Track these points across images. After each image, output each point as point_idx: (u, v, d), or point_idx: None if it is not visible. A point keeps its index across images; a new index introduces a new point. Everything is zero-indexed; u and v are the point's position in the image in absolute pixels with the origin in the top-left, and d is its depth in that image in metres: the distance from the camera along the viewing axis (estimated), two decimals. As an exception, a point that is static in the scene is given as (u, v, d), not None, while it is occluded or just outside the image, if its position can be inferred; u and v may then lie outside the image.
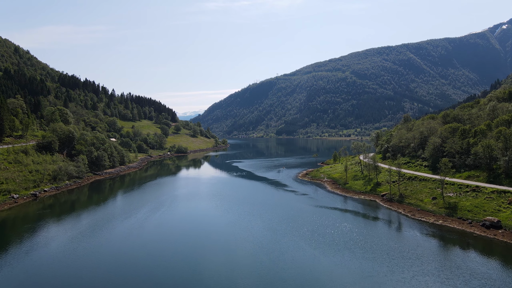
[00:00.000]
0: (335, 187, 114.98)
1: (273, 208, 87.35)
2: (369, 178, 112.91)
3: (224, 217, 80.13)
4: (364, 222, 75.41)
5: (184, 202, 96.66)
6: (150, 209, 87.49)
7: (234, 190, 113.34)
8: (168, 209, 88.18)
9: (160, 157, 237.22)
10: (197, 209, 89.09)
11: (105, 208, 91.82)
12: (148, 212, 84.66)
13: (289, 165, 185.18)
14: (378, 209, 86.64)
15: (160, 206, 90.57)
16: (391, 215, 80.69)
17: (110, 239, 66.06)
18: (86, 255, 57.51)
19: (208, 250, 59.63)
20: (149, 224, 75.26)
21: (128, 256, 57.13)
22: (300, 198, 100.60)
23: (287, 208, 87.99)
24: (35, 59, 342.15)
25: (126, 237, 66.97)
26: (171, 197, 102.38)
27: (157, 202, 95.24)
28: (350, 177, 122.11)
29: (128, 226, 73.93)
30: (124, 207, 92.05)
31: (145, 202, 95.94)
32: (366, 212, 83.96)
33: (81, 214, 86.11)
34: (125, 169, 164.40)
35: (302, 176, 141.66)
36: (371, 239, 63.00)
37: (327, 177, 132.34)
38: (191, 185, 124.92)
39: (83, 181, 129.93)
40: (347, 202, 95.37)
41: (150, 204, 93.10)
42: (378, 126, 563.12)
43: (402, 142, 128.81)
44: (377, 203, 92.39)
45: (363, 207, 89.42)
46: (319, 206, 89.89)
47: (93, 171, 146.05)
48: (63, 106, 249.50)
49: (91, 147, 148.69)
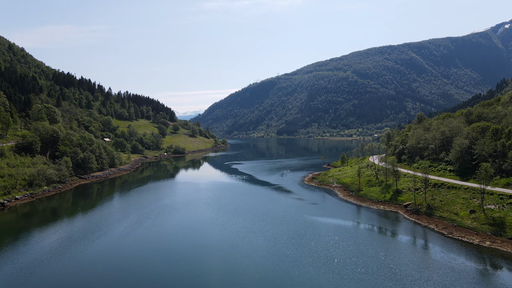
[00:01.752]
0: (348, 195, 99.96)
1: (278, 222, 72.45)
2: (387, 185, 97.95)
3: (220, 236, 65.14)
4: (393, 243, 60.50)
5: (173, 213, 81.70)
6: (132, 223, 72.62)
7: (232, 198, 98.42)
8: (153, 223, 73.19)
9: (156, 158, 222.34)
10: (187, 224, 74.13)
11: (80, 221, 76.95)
12: (129, 227, 69.83)
13: (293, 167, 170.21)
14: (404, 224, 71.62)
15: (145, 219, 75.65)
16: (423, 233, 65.62)
17: (79, 261, 51.36)
18: (49, 283, 42.68)
19: (198, 283, 44.77)
20: (128, 244, 60.45)
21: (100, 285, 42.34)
22: (309, 208, 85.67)
23: (295, 222, 73.08)
24: (30, 56, 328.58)
25: (100, 259, 52.20)
26: (159, 207, 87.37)
27: (142, 214, 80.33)
28: (363, 182, 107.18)
29: (104, 245, 59.27)
30: (103, 219, 77.14)
31: (128, 213, 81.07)
32: (392, 229, 69.05)
33: (49, 229, 71.26)
34: (115, 171, 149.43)
35: (309, 180, 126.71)
36: (410, 271, 48.06)
37: (336, 182, 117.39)
38: (184, 191, 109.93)
39: (65, 187, 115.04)
40: (365, 214, 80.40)
41: (134, 216, 78.20)
42: (380, 126, 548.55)
43: (420, 143, 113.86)
44: (401, 216, 77.41)
45: (385, 221, 74.45)
46: (333, 220, 75.03)
47: (79, 174, 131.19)
48: (55, 104, 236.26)
49: (77, 148, 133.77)
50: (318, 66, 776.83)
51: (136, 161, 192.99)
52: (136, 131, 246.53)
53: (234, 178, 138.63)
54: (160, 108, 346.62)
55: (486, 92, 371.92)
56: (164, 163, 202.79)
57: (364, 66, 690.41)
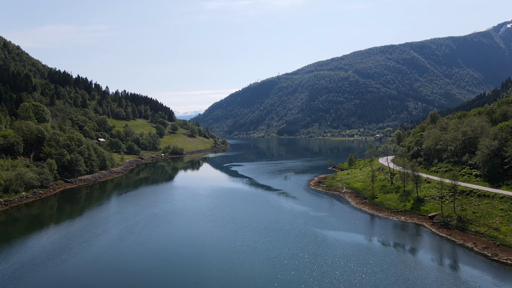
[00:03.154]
0: (361, 202, 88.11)
1: (284, 239, 60.68)
2: (405, 191, 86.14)
3: (215, 258, 53.27)
4: (431, 269, 48.54)
5: (162, 226, 69.82)
6: (111, 240, 60.88)
7: (231, 206, 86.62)
8: (135, 240, 61.35)
9: (152, 159, 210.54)
10: (176, 242, 62.19)
11: (50, 236, 65.07)
12: (106, 245, 58.11)
13: (296, 169, 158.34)
14: (435, 241, 59.77)
15: (127, 234, 63.79)
16: (461, 255, 53.67)
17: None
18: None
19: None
20: (101, 267, 48.73)
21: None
22: (318, 219, 73.87)
23: (304, 238, 61.29)
24: (26, 55, 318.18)
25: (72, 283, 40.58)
26: (147, 218, 75.52)
27: (125, 227, 68.53)
28: (376, 188, 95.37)
29: (73, 268, 47.57)
30: (78, 234, 65.34)
31: (109, 226, 69.30)
32: (422, 248, 57.16)
33: (16, 244, 59.49)
34: (106, 174, 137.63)
35: (315, 184, 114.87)
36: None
37: (346, 187, 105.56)
38: (178, 198, 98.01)
39: (47, 192, 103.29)
40: (385, 227, 68.58)
41: (115, 230, 66.43)
42: (382, 126, 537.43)
43: (439, 144, 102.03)
44: (427, 230, 65.56)
45: (411, 237, 62.59)
46: (349, 234, 63.28)
47: (65, 178, 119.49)
48: (49, 103, 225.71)
49: (63, 150, 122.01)
50: (319, 65, 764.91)
51: (130, 162, 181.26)
52: (132, 131, 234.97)
53: (233, 182, 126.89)
54: (158, 107, 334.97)
55: (491, 92, 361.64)
56: (161, 165, 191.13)
57: (365, 65, 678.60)
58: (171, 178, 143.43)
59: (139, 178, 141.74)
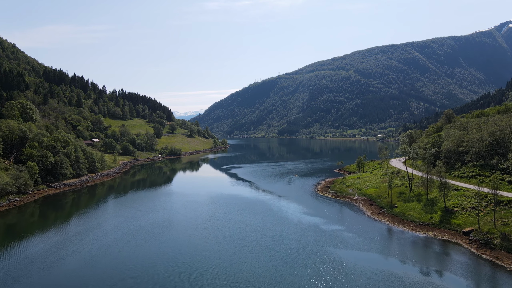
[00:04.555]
0: (377, 212, 76.32)
1: (292, 263, 48.97)
2: (428, 200, 74.38)
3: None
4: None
5: (146, 244, 58.07)
6: (84, 262, 49.17)
7: (229, 217, 74.92)
8: (112, 261, 49.63)
9: (148, 160, 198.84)
10: (161, 265, 50.38)
11: (13, 255, 53.39)
12: (76, 269, 46.50)
13: (300, 171, 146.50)
14: (480, 267, 47.96)
15: (103, 255, 52.07)
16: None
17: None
18: None
19: None
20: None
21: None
22: (332, 234, 62.14)
23: (317, 262, 49.55)
24: (22, 53, 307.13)
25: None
26: (130, 232, 63.79)
27: (103, 244, 56.82)
28: (393, 195, 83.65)
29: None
30: (46, 253, 53.66)
31: (84, 243, 57.55)
32: (469, 278, 45.35)
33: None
34: (96, 178, 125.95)
35: (322, 189, 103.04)
36: None
37: (358, 193, 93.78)
38: (169, 207, 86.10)
39: (25, 199, 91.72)
40: (414, 246, 56.76)
41: (90, 249, 54.72)
42: (384, 126, 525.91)
43: (462, 146, 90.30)
44: (465, 250, 53.76)
45: (449, 260, 50.65)
46: (370, 256, 51.58)
47: (48, 182, 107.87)
48: (42, 102, 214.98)
49: (47, 151, 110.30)
50: (320, 65, 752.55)
51: (124, 164, 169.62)
52: (129, 131, 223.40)
53: (232, 187, 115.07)
54: (157, 107, 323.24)
55: (495, 91, 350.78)
56: (157, 166, 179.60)
57: (366, 65, 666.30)
58: (165, 182, 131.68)
59: (131, 181, 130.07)
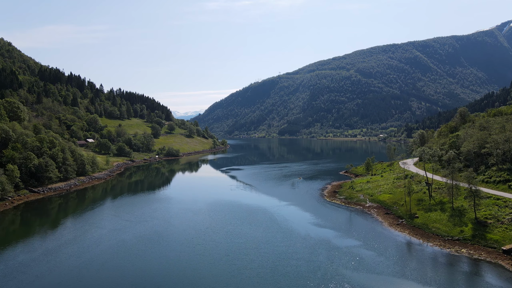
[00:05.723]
0: (396, 223, 66.55)
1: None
2: (454, 209, 64.70)
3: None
4: None
5: (126, 266, 48.39)
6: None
7: (226, 229, 65.25)
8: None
9: (145, 161, 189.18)
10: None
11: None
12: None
13: (304, 174, 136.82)
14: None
15: (74, 283, 42.60)
16: None
17: None
18: None
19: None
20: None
21: None
22: (348, 253, 52.48)
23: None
24: (18, 52, 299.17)
25: None
26: (110, 250, 54.09)
27: (74, 267, 47.14)
28: (412, 202, 73.96)
29: None
30: (10, 274, 44.14)
31: (52, 266, 47.96)
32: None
33: None
34: (85, 181, 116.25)
35: (330, 194, 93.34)
36: None
37: (369, 199, 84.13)
38: (159, 216, 76.06)
39: (2, 205, 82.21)
40: (446, 267, 47.09)
41: (57, 274, 45.17)
42: (385, 126, 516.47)
43: (485, 147, 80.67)
44: (510, 274, 44.20)
45: (491, 286, 41.26)
46: (402, 284, 41.95)
47: (31, 187, 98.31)
48: (35, 101, 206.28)
49: (30, 153, 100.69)
50: (321, 65, 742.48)
51: (119, 165, 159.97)
52: (125, 131, 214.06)
53: (231, 192, 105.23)
54: (155, 106, 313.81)
55: (499, 91, 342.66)
56: (154, 168, 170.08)
57: (367, 65, 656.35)
58: (159, 186, 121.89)
59: (123, 185, 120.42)
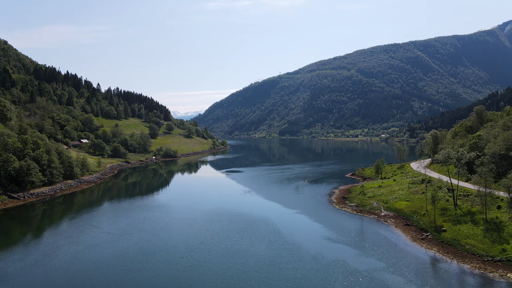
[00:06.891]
0: (419, 237, 57.03)
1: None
2: (488, 221, 55.30)
3: None
4: None
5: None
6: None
7: (223, 245, 55.83)
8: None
9: (141, 163, 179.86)
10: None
11: None
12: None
13: (308, 176, 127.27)
14: None
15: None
16: None
17: None
18: None
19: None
20: None
21: None
22: (368, 278, 43.04)
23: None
24: (14, 50, 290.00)
25: None
26: (83, 273, 44.77)
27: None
28: (433, 210, 64.54)
29: None
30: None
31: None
32: None
33: None
34: (73, 185, 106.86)
35: (339, 201, 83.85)
36: None
37: (384, 207, 74.69)
38: (146, 227, 66.12)
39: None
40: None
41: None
42: (386, 126, 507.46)
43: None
44: None
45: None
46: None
47: (11, 192, 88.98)
48: (29, 100, 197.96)
49: (10, 155, 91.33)
50: (321, 65, 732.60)
51: (112, 167, 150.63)
52: (121, 131, 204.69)
53: (230, 198, 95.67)
54: (154, 106, 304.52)
55: (504, 90, 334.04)
56: (150, 169, 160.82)
57: (368, 64, 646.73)
58: (152, 190, 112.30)
59: (113, 190, 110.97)
